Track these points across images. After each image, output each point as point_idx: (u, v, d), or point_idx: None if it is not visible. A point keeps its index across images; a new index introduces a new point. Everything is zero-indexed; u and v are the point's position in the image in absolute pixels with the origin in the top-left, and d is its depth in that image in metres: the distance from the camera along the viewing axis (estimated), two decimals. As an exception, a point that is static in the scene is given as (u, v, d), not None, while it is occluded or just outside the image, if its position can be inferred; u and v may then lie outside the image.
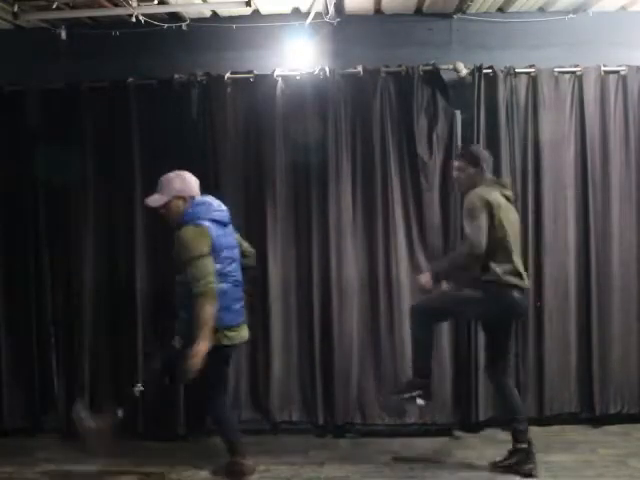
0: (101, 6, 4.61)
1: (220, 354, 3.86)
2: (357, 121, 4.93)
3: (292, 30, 4.91)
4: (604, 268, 4.90)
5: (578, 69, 4.88)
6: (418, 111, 4.87)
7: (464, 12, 4.98)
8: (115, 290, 4.99)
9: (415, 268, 4.79)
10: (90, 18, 4.92)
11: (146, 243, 4.94)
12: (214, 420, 4.21)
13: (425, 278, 4.23)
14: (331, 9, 4.73)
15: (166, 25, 4.86)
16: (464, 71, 4.85)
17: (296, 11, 4.96)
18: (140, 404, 4.62)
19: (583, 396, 4.93)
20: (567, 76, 4.91)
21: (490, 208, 4.02)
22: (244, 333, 4.03)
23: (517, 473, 4.05)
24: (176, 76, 4.91)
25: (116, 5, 4.57)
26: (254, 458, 4.38)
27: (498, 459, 4.17)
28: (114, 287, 4.99)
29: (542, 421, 4.89)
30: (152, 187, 4.93)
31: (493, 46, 4.96)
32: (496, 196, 4.09)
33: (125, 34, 4.88)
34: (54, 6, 4.45)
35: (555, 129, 4.89)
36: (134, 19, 4.52)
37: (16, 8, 4.46)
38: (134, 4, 4.44)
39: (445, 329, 4.80)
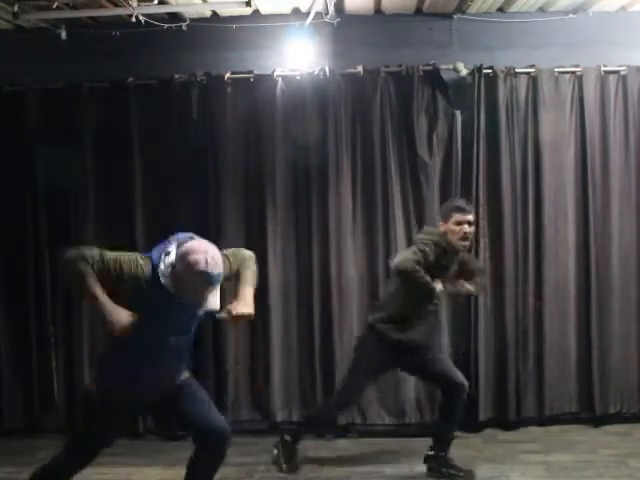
0: (101, 6, 4.61)
1: None
2: (357, 121, 4.93)
3: (292, 30, 4.90)
4: (604, 268, 4.90)
5: (578, 69, 4.88)
6: (418, 111, 4.87)
7: (464, 12, 4.97)
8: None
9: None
10: (90, 18, 4.92)
11: (146, 242, 4.93)
12: None
13: None
14: (331, 9, 4.72)
15: (166, 25, 4.84)
16: (464, 71, 4.85)
17: (296, 11, 4.96)
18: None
19: (583, 396, 4.93)
20: (567, 76, 4.91)
21: None
22: None
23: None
24: (176, 76, 4.91)
25: (116, 5, 4.56)
26: (254, 458, 4.39)
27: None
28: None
29: (542, 421, 4.90)
30: (152, 186, 4.98)
31: (493, 46, 4.95)
32: None
33: (125, 34, 4.87)
34: (54, 6, 4.44)
35: (555, 129, 4.89)
36: (134, 19, 4.51)
37: (16, 8, 4.45)
38: (134, 4, 4.43)
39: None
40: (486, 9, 4.97)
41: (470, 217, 3.99)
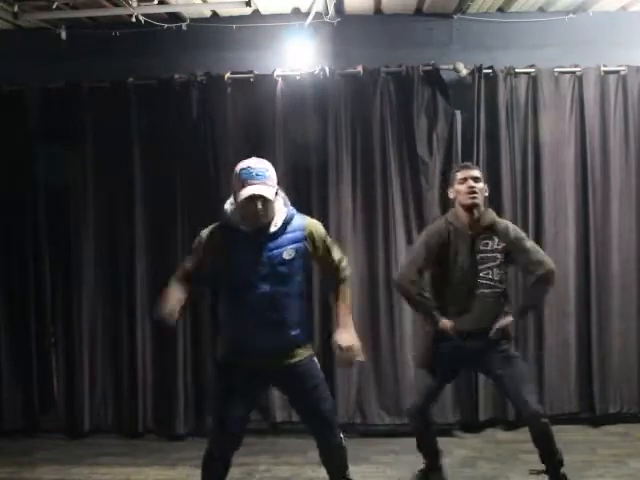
0: (101, 6, 4.62)
1: None
2: (357, 121, 4.93)
3: (292, 30, 4.90)
4: (604, 268, 4.90)
5: (578, 69, 4.88)
6: (418, 111, 4.87)
7: (464, 12, 4.97)
8: (115, 290, 5.00)
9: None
10: (90, 18, 4.93)
11: (146, 243, 4.94)
12: None
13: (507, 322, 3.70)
14: (331, 9, 4.73)
15: (166, 25, 4.85)
16: (464, 71, 4.85)
17: (296, 11, 4.96)
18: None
19: (583, 396, 4.93)
20: (567, 76, 4.91)
21: None
22: None
23: None
24: (176, 76, 4.91)
25: (116, 5, 4.57)
26: (254, 458, 4.39)
27: None
28: (114, 287, 5.00)
29: (542, 421, 4.90)
30: (152, 187, 4.98)
31: (493, 46, 4.95)
32: None
33: (125, 34, 4.88)
34: (54, 6, 4.45)
35: (555, 129, 4.89)
36: (134, 19, 4.52)
37: (16, 8, 4.47)
38: (134, 4, 4.44)
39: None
40: (486, 9, 4.98)
41: (474, 172, 3.65)
